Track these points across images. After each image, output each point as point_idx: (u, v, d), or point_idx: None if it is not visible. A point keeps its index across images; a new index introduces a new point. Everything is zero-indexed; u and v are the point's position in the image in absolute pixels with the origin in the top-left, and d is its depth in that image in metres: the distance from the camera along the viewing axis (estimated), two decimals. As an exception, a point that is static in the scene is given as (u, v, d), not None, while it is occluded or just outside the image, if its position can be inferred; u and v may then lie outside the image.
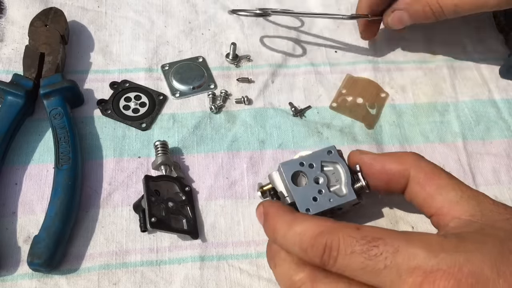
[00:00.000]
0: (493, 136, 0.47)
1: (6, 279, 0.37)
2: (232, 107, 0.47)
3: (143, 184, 0.39)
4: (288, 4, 0.55)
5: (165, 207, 0.39)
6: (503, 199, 0.43)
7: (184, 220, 0.39)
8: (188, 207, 0.40)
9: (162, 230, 0.38)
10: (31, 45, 0.46)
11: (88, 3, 0.52)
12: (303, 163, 0.38)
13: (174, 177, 0.41)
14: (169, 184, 0.41)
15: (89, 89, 0.47)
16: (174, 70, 0.49)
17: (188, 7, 0.53)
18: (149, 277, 0.38)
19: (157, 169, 0.42)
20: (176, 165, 0.42)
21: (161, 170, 0.41)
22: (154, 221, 0.37)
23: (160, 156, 0.41)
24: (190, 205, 0.40)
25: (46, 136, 0.43)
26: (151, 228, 0.37)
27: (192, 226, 0.39)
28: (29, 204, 0.40)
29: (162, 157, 0.41)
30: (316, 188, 0.37)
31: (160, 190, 0.40)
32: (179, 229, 0.39)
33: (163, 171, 0.41)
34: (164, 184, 0.40)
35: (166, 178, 0.41)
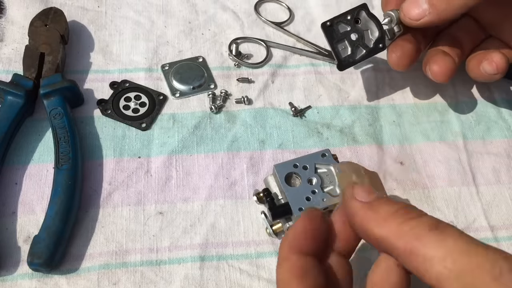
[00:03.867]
0: (493, 135, 0.47)
1: (6, 279, 0.37)
2: (232, 107, 0.47)
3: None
4: (288, 4, 0.55)
5: (349, 32, 0.43)
6: (503, 198, 0.43)
7: (349, 53, 0.43)
8: (364, 52, 0.43)
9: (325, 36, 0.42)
10: (31, 45, 0.46)
11: (88, 3, 0.52)
12: (296, 164, 0.38)
13: (383, 28, 0.43)
14: (374, 28, 0.43)
15: (89, 89, 0.47)
16: (174, 70, 0.49)
17: (188, 7, 0.53)
18: (149, 277, 0.38)
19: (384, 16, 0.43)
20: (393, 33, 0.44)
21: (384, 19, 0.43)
22: (327, 24, 0.42)
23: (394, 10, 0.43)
24: (367, 53, 0.43)
25: (46, 136, 0.43)
26: (320, 26, 0.42)
27: (348, 62, 0.43)
28: (29, 204, 0.40)
29: (393, 11, 0.43)
30: (309, 188, 0.37)
31: (362, 22, 0.43)
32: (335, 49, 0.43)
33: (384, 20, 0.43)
34: (370, 24, 0.44)
35: (376, 22, 0.43)
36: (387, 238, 0.28)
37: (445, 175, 0.44)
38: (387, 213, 0.29)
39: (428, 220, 0.28)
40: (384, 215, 0.29)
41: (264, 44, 0.51)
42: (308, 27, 0.54)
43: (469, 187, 0.44)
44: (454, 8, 0.41)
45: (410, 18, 0.42)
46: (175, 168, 0.43)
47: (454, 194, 0.43)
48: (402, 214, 0.29)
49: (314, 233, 0.32)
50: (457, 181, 0.44)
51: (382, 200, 0.30)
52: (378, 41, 0.43)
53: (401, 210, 0.29)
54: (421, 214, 0.29)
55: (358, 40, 0.43)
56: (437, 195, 0.43)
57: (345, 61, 0.43)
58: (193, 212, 0.41)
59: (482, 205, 0.43)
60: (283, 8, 0.55)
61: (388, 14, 0.43)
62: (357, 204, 0.31)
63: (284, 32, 0.53)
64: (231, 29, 0.52)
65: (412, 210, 0.29)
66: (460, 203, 0.43)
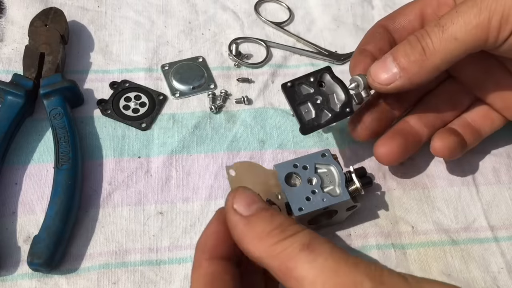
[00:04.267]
0: (493, 135, 0.47)
1: (6, 279, 0.37)
2: (232, 107, 0.47)
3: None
4: (288, 4, 0.55)
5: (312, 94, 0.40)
6: (503, 198, 0.43)
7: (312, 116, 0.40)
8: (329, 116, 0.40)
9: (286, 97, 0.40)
10: (31, 45, 0.46)
11: (88, 3, 0.52)
12: (296, 164, 0.38)
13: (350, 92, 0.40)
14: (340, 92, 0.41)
15: (89, 89, 0.47)
16: (174, 70, 0.49)
17: (188, 7, 0.53)
18: (149, 277, 0.38)
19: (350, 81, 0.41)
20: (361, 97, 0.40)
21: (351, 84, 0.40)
22: (288, 85, 0.40)
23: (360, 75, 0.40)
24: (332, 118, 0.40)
25: (46, 136, 0.43)
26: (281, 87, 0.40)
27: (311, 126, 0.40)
28: (29, 204, 0.40)
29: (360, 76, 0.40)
30: (309, 188, 0.37)
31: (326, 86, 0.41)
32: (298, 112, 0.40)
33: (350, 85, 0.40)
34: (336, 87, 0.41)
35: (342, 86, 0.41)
36: (262, 258, 0.28)
37: (445, 175, 0.44)
38: (263, 231, 0.28)
39: (301, 238, 0.27)
40: (260, 233, 0.28)
41: (264, 44, 0.51)
42: (308, 27, 0.54)
43: (469, 187, 0.44)
44: (427, 71, 0.37)
45: (379, 83, 0.38)
46: (175, 168, 0.43)
47: (454, 194, 0.43)
48: (277, 234, 0.28)
49: (226, 235, 0.30)
50: (457, 181, 0.44)
51: (261, 215, 0.29)
52: (344, 105, 0.40)
53: (276, 230, 0.28)
54: (296, 232, 0.28)
55: (323, 104, 0.40)
56: (437, 195, 0.43)
57: (309, 125, 0.39)
58: (193, 212, 0.41)
59: (482, 205, 0.43)
60: (283, 8, 0.55)
61: (354, 79, 0.40)
62: (236, 218, 0.29)
63: (284, 32, 0.53)
64: (231, 29, 0.52)
65: (288, 228, 0.28)
66: (460, 203, 0.43)
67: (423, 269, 0.39)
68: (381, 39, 0.41)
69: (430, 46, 0.36)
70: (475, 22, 0.34)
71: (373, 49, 0.41)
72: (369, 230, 0.41)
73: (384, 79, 0.37)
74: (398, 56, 0.37)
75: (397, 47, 0.38)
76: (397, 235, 0.41)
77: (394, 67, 0.37)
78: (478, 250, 0.41)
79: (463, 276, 0.39)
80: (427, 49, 0.36)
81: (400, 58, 0.37)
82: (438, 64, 0.36)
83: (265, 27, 0.53)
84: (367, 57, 0.40)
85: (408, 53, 0.36)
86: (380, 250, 0.40)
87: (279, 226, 0.28)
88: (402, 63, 0.37)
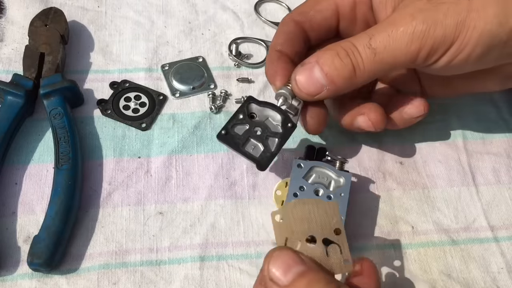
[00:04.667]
0: (493, 135, 0.47)
1: (6, 279, 0.37)
2: (232, 107, 0.47)
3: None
4: (288, 4, 0.55)
5: (250, 129, 0.39)
6: (503, 198, 0.43)
7: (261, 149, 0.38)
8: (276, 141, 0.39)
9: (228, 146, 0.38)
10: (31, 45, 0.46)
11: (88, 3, 0.52)
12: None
13: (282, 109, 0.39)
14: (273, 113, 0.39)
15: (89, 89, 0.47)
16: (174, 70, 0.49)
17: (188, 7, 0.53)
18: (149, 277, 0.38)
19: (276, 98, 0.39)
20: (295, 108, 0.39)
21: (278, 100, 0.39)
22: (223, 133, 0.38)
23: (284, 87, 0.39)
24: (280, 140, 0.39)
25: (46, 136, 0.43)
26: (217, 139, 0.38)
27: (266, 158, 0.38)
28: (29, 204, 0.40)
29: (284, 88, 0.39)
30: (312, 188, 0.39)
31: (258, 115, 0.39)
32: (247, 153, 0.38)
33: (279, 101, 0.39)
34: (267, 111, 0.39)
35: (272, 107, 0.39)
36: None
37: (445, 175, 0.44)
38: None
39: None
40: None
41: (264, 44, 0.51)
42: (308, 27, 0.54)
43: (469, 187, 0.44)
44: (355, 85, 0.37)
45: (307, 93, 0.37)
46: (175, 168, 0.43)
47: (454, 194, 0.43)
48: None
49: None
50: (457, 181, 0.44)
51: (300, 284, 0.28)
52: (284, 123, 0.39)
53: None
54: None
55: (264, 132, 0.39)
56: (437, 195, 0.43)
57: (263, 159, 0.38)
58: (193, 212, 0.41)
59: (482, 205, 0.43)
60: (283, 8, 0.55)
61: (280, 94, 0.39)
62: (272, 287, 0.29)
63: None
64: (231, 29, 0.52)
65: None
66: (460, 203, 0.43)
67: (423, 269, 0.39)
68: (297, 40, 0.40)
69: (361, 66, 0.36)
70: (405, 50, 0.35)
71: (290, 52, 0.40)
72: (369, 230, 0.41)
73: (311, 91, 0.37)
74: (326, 68, 0.36)
75: (323, 56, 0.37)
76: (397, 235, 0.41)
77: (322, 79, 0.36)
78: (478, 250, 0.41)
79: (463, 276, 0.39)
80: (358, 68, 0.36)
81: (329, 71, 0.36)
82: (366, 80, 0.37)
83: (265, 27, 0.53)
84: (286, 63, 0.39)
85: (337, 67, 0.36)
86: (380, 250, 0.40)
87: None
88: (330, 76, 0.36)
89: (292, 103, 0.39)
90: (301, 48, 0.40)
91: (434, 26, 0.34)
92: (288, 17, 0.41)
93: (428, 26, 0.34)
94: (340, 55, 0.36)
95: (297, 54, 0.40)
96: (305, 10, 0.41)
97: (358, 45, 0.36)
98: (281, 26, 0.41)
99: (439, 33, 0.34)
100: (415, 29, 0.34)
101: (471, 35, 0.34)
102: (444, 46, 0.34)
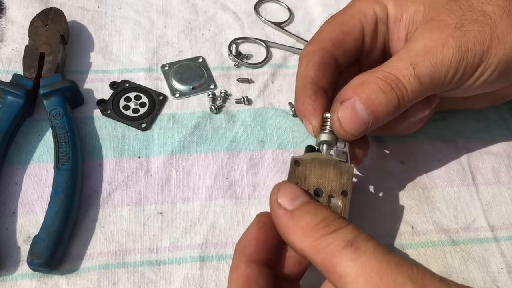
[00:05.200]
0: (493, 135, 0.47)
1: (6, 279, 0.37)
2: (232, 107, 0.47)
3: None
4: (288, 4, 0.55)
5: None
6: (502, 199, 0.43)
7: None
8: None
9: None
10: (31, 45, 0.46)
11: (88, 3, 0.52)
12: None
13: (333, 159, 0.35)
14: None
15: (89, 89, 0.47)
16: (174, 70, 0.49)
17: (188, 7, 0.53)
18: (149, 277, 0.38)
19: (318, 145, 0.36)
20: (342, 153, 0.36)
21: (322, 149, 0.36)
22: None
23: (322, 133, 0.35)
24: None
25: (46, 136, 0.43)
26: None
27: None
28: (29, 204, 0.40)
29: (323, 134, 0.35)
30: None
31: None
32: None
33: (323, 150, 0.36)
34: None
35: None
36: (306, 252, 0.28)
37: (444, 175, 0.44)
38: (307, 225, 0.29)
39: (345, 235, 0.28)
40: (304, 227, 0.29)
41: (264, 44, 0.51)
42: (308, 27, 0.54)
43: (468, 187, 0.44)
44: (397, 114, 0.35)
45: (352, 134, 0.35)
46: (175, 168, 0.43)
47: (454, 194, 0.43)
48: (321, 228, 0.28)
49: (265, 240, 0.32)
50: (457, 181, 0.44)
51: (305, 209, 0.30)
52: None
53: (321, 224, 0.29)
54: (340, 227, 0.28)
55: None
56: (437, 195, 0.43)
57: None
58: (193, 212, 0.41)
59: (482, 205, 0.43)
60: (283, 8, 0.55)
61: (322, 142, 0.36)
62: (280, 212, 0.30)
63: (284, 32, 0.53)
64: (231, 29, 0.52)
65: (332, 222, 0.29)
66: (459, 203, 0.43)
67: (423, 269, 0.39)
68: (330, 71, 0.38)
69: (406, 98, 0.35)
70: (443, 79, 0.35)
71: (326, 85, 0.37)
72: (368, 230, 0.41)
73: (356, 130, 0.35)
74: (370, 104, 0.34)
75: (365, 91, 0.34)
76: (396, 235, 0.41)
77: (366, 116, 0.34)
78: (478, 250, 0.41)
79: (463, 276, 0.39)
80: (402, 100, 0.34)
81: (374, 108, 0.34)
82: (405, 109, 0.36)
83: (265, 27, 0.53)
84: (324, 97, 0.37)
85: (382, 102, 0.34)
86: (380, 250, 0.40)
87: (323, 221, 0.29)
88: (376, 112, 0.34)
89: (338, 148, 0.36)
90: (335, 79, 0.38)
91: (466, 53, 0.35)
92: (315, 46, 0.38)
93: (462, 54, 0.34)
94: (384, 89, 0.34)
95: (332, 86, 0.38)
96: (334, 36, 0.38)
97: (402, 76, 0.34)
98: (308, 57, 0.38)
99: (470, 60, 0.35)
100: (453, 57, 0.34)
101: (492, 61, 0.35)
102: (471, 72, 0.35)
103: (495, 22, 0.35)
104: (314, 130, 0.37)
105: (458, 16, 0.35)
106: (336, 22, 0.39)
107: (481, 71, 0.36)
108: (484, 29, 0.35)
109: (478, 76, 0.36)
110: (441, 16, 0.36)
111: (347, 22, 0.39)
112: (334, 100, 0.36)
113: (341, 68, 0.39)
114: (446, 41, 0.35)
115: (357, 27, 0.39)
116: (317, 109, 0.36)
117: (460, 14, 0.35)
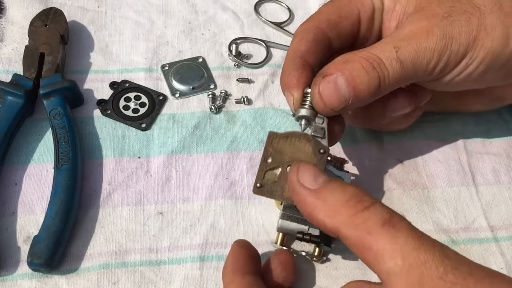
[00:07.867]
0: (493, 136, 0.47)
1: (6, 279, 0.37)
2: (232, 107, 0.47)
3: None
4: (288, 4, 0.55)
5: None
6: (502, 199, 0.43)
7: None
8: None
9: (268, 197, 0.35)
10: (31, 45, 0.46)
11: (88, 3, 0.52)
12: None
13: (309, 135, 0.36)
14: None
15: (89, 89, 0.47)
16: (174, 70, 0.49)
17: (188, 7, 0.53)
18: (149, 277, 0.38)
19: (297, 120, 0.37)
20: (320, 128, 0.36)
21: (300, 123, 0.36)
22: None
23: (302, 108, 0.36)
24: None
25: (46, 136, 0.43)
26: (253, 193, 0.35)
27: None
28: (29, 204, 0.40)
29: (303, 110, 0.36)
30: None
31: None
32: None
33: (301, 125, 0.36)
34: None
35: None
36: (339, 229, 0.28)
37: (444, 175, 0.44)
38: (338, 202, 0.29)
39: (381, 212, 0.28)
40: (334, 205, 0.29)
41: (264, 44, 0.51)
42: (308, 27, 0.54)
43: (468, 187, 0.44)
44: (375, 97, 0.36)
45: (331, 108, 0.35)
46: (175, 168, 0.43)
47: (454, 194, 0.43)
48: (353, 205, 0.28)
49: (249, 255, 0.34)
50: (457, 181, 0.44)
51: (331, 187, 0.30)
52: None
53: (352, 200, 0.28)
54: (373, 203, 0.28)
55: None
56: (436, 195, 0.43)
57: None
58: (193, 212, 0.41)
59: (482, 205, 0.43)
60: (283, 8, 0.55)
61: (301, 117, 0.36)
62: (304, 192, 0.30)
63: (284, 32, 0.53)
64: (231, 29, 0.52)
65: (363, 198, 0.29)
66: (459, 203, 0.43)
67: (423, 269, 0.39)
68: (321, 49, 0.38)
69: (387, 80, 0.35)
70: (426, 65, 0.35)
71: (314, 61, 0.38)
72: (369, 230, 0.41)
73: (336, 105, 0.35)
74: (352, 81, 0.34)
75: (347, 68, 0.34)
76: (397, 235, 0.41)
77: (347, 92, 0.34)
78: (478, 250, 0.41)
79: (463, 276, 0.39)
80: (383, 81, 0.35)
81: (355, 84, 0.34)
82: (385, 93, 0.36)
83: (265, 27, 0.53)
84: (310, 72, 0.37)
85: (363, 81, 0.34)
86: (380, 250, 0.40)
87: (354, 197, 0.29)
88: (357, 89, 0.34)
89: (316, 124, 0.36)
90: (324, 58, 0.38)
91: (451, 42, 0.35)
92: (311, 25, 0.39)
93: (446, 43, 0.35)
94: (366, 68, 0.34)
95: (320, 64, 0.38)
96: (331, 18, 0.39)
97: (384, 58, 0.34)
98: (303, 33, 0.38)
99: (454, 49, 0.35)
100: (436, 45, 0.34)
101: (478, 53, 0.35)
102: (455, 62, 0.35)
103: (484, 13, 0.35)
104: (295, 102, 0.37)
105: (448, 6, 0.35)
106: (334, 5, 0.40)
107: (467, 62, 0.35)
108: (472, 20, 0.35)
109: (463, 67, 0.36)
110: (431, 6, 0.36)
111: (345, 7, 0.39)
112: (317, 75, 0.36)
113: (333, 50, 0.39)
114: (431, 29, 0.35)
115: (354, 13, 0.39)
116: (301, 82, 0.37)
117: (450, 5, 0.36)
